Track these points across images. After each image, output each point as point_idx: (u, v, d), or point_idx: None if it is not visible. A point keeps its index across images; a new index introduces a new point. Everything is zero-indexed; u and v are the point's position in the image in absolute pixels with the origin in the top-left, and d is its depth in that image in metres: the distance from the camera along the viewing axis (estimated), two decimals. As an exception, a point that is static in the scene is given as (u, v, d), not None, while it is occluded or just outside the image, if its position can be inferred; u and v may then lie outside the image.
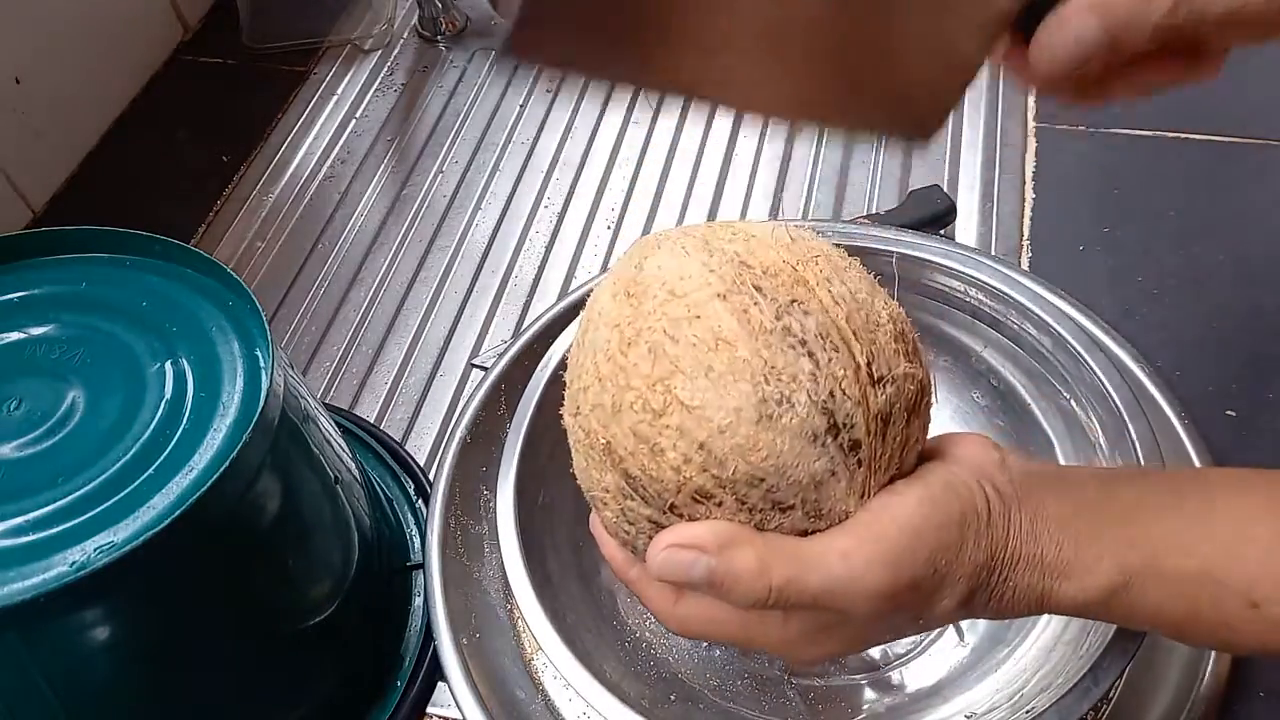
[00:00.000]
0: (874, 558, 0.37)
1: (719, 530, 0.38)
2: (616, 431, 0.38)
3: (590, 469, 0.40)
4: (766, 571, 0.37)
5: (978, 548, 0.39)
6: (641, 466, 0.38)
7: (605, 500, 0.40)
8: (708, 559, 0.37)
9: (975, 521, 0.39)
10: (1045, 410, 0.61)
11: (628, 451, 0.38)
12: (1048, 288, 0.67)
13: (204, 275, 0.54)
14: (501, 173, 0.86)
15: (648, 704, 0.52)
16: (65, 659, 0.45)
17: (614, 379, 0.38)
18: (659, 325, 0.38)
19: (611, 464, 0.39)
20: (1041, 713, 0.46)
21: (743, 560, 0.37)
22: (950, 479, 0.40)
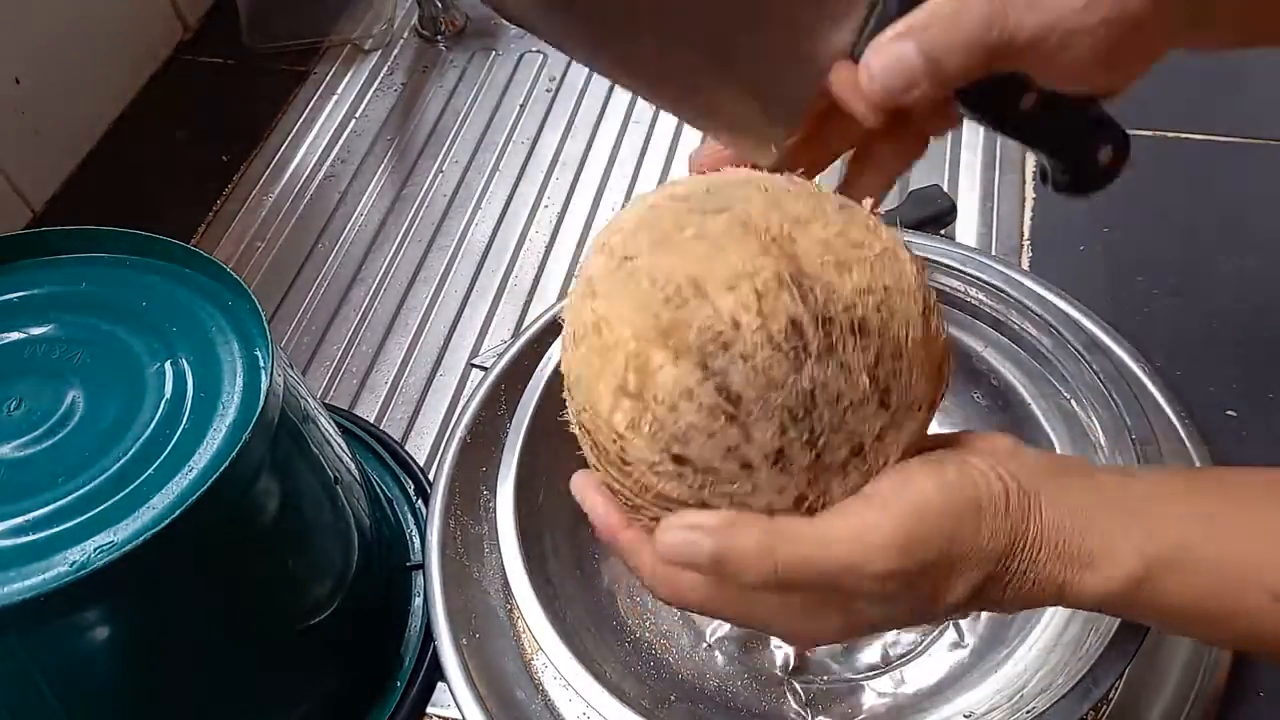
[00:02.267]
0: (887, 540, 0.37)
1: (722, 514, 0.38)
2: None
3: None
4: (771, 552, 0.37)
5: (995, 535, 0.38)
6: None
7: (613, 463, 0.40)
8: (711, 541, 0.37)
9: (992, 508, 0.38)
10: (1045, 410, 0.61)
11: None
12: (1048, 288, 0.67)
13: (204, 275, 0.54)
14: (501, 172, 0.86)
15: (648, 704, 0.52)
16: (65, 659, 0.45)
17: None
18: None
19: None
20: (1042, 713, 0.46)
21: (747, 539, 0.37)
22: (965, 464, 0.39)
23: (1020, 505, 0.38)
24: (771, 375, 0.37)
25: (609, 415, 0.38)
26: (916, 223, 0.74)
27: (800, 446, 0.38)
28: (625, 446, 0.38)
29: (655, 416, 0.37)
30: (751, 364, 0.37)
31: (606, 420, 0.38)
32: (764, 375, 0.37)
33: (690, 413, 0.37)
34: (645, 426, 0.37)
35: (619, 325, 0.38)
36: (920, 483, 0.38)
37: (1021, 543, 0.38)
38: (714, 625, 0.59)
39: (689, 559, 0.38)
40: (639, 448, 0.38)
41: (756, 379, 0.37)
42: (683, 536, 0.38)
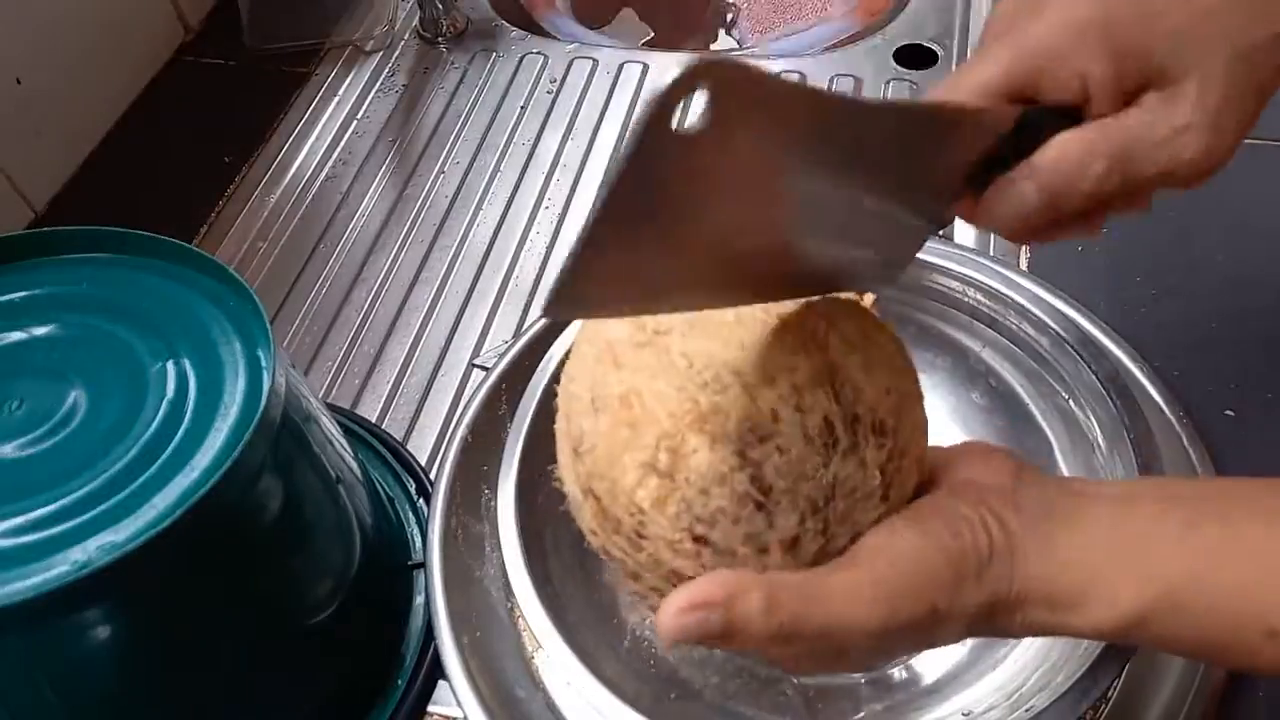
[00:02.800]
0: (875, 596, 0.38)
1: (723, 581, 0.38)
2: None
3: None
4: (775, 610, 0.37)
5: (978, 588, 0.39)
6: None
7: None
8: (720, 613, 0.37)
9: (975, 561, 0.39)
10: (1044, 410, 0.61)
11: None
12: (1046, 288, 0.67)
13: (206, 275, 0.54)
14: (503, 174, 0.86)
15: (648, 702, 0.52)
16: (66, 659, 0.45)
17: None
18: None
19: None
20: (1040, 711, 0.46)
21: (752, 604, 0.37)
22: (950, 516, 0.39)
23: (1004, 560, 0.39)
24: (803, 469, 0.38)
25: (632, 490, 0.39)
26: (916, 223, 0.74)
27: (813, 535, 0.39)
28: (645, 522, 0.39)
29: (684, 497, 0.38)
30: (787, 457, 0.38)
31: (628, 494, 0.39)
32: (796, 468, 0.38)
33: (721, 498, 0.38)
34: (671, 506, 0.38)
35: (652, 402, 0.39)
36: (906, 538, 0.39)
37: (1006, 594, 0.39)
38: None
39: (702, 638, 0.38)
40: (660, 525, 0.39)
41: (789, 471, 0.38)
42: (693, 619, 0.38)
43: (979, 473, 0.42)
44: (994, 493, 0.40)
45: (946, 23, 0.93)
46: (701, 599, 0.37)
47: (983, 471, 0.42)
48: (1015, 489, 0.41)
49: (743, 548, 0.39)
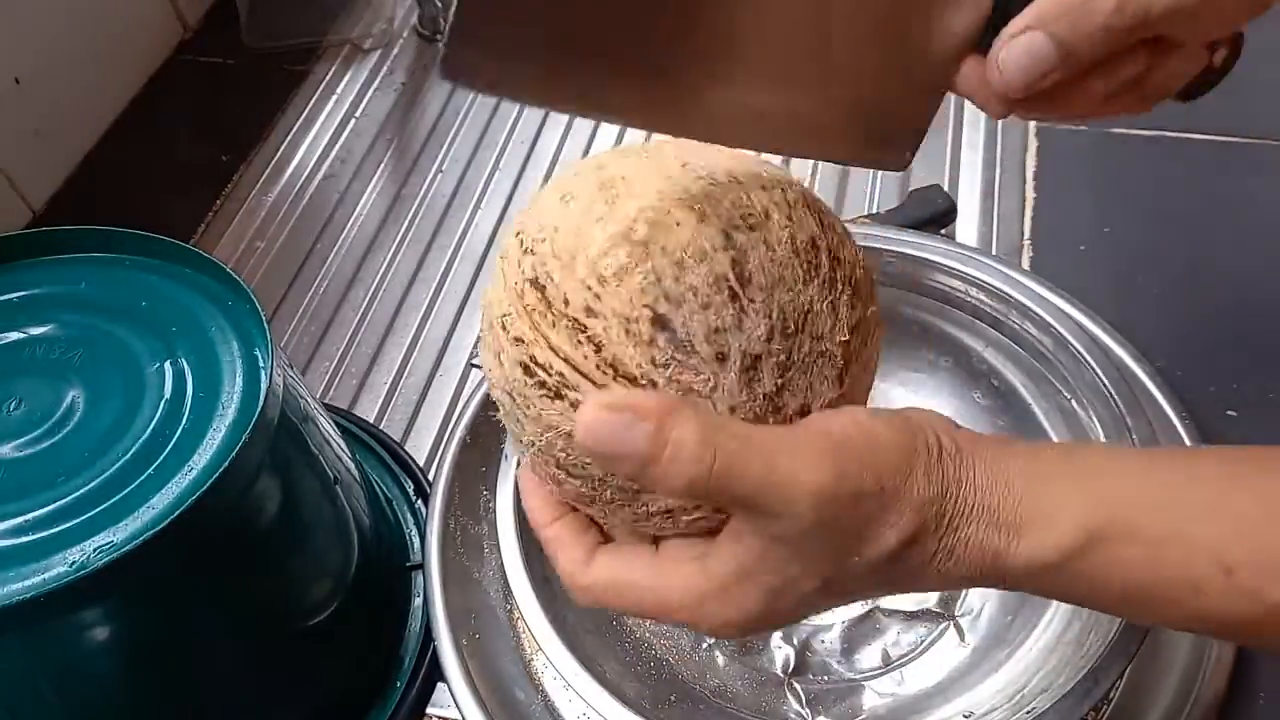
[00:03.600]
0: (821, 455, 0.34)
1: (662, 398, 0.34)
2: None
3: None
4: (709, 443, 0.33)
5: (927, 480, 0.36)
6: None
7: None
8: (646, 425, 0.33)
9: (925, 455, 0.36)
10: (1046, 410, 0.61)
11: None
12: (1049, 287, 0.67)
13: (203, 275, 0.54)
14: (501, 172, 0.86)
15: (648, 705, 0.52)
16: (65, 659, 0.45)
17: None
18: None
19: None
20: (1042, 713, 0.46)
21: (686, 429, 0.33)
22: (899, 420, 0.37)
23: (954, 459, 0.36)
24: (783, 275, 0.36)
25: (596, 259, 0.36)
26: (917, 223, 0.74)
27: (772, 367, 0.36)
28: (600, 295, 0.35)
29: (654, 268, 0.35)
30: (772, 255, 0.36)
31: (590, 264, 0.36)
32: (777, 271, 0.36)
33: (696, 276, 0.35)
34: (637, 277, 0.35)
35: (640, 185, 0.37)
36: (859, 413, 0.37)
37: (953, 495, 0.36)
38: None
39: (617, 451, 0.33)
40: (619, 298, 0.35)
41: (771, 271, 0.36)
42: (616, 418, 0.33)
43: (921, 411, 0.39)
44: (939, 419, 0.38)
45: None
46: (633, 403, 0.33)
47: (924, 411, 0.39)
48: (952, 423, 0.39)
49: (702, 345, 0.35)
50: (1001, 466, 0.37)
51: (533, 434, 0.38)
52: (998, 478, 0.37)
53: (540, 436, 0.37)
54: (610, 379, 0.35)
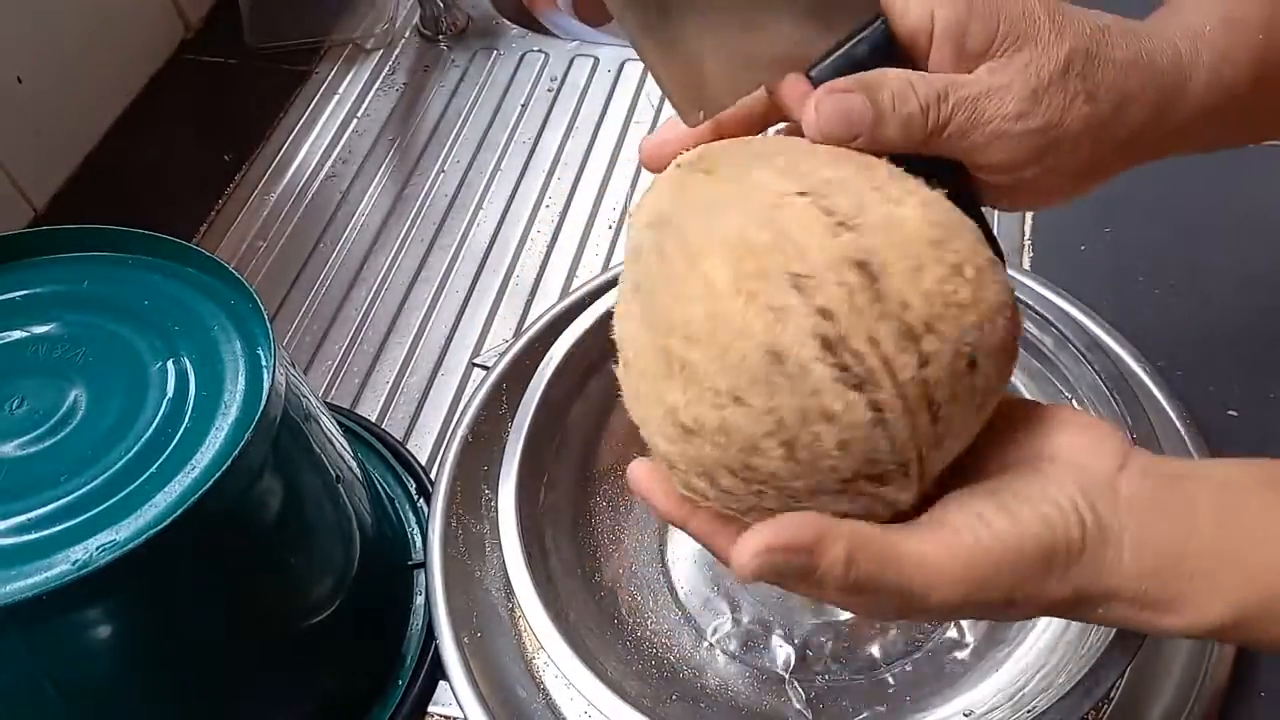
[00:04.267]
0: (957, 577, 0.37)
1: (808, 525, 0.37)
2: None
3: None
4: (854, 565, 0.36)
5: (1063, 583, 0.37)
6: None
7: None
8: (804, 559, 0.36)
9: (1064, 558, 0.37)
10: (1047, 410, 0.61)
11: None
12: (1049, 287, 0.67)
13: (206, 274, 0.54)
14: (503, 172, 0.86)
15: (649, 702, 0.52)
16: (67, 657, 0.45)
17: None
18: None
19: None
20: (1042, 712, 0.46)
21: (833, 555, 0.36)
22: (1041, 502, 0.37)
23: (1094, 556, 0.37)
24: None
25: (943, 280, 0.36)
26: (918, 222, 0.74)
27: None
28: (943, 316, 0.36)
29: (978, 317, 0.36)
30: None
31: (938, 282, 0.36)
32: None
33: (993, 337, 0.37)
34: (972, 315, 0.36)
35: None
36: (996, 525, 0.37)
37: (1089, 593, 0.37)
38: (715, 624, 0.59)
39: (782, 578, 0.37)
40: (954, 327, 0.36)
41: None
42: (772, 561, 0.37)
43: (1081, 452, 0.39)
44: (1094, 479, 0.38)
45: None
46: (789, 541, 0.36)
47: (1085, 451, 0.39)
48: (1116, 471, 0.38)
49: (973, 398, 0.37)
50: (1152, 546, 0.37)
51: (783, 404, 0.35)
52: (1146, 563, 0.37)
53: (796, 413, 0.35)
54: (915, 395, 0.35)
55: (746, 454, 0.36)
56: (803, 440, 0.35)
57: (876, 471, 0.36)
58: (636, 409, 0.39)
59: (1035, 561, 0.37)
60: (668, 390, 0.37)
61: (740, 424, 0.36)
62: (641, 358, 0.38)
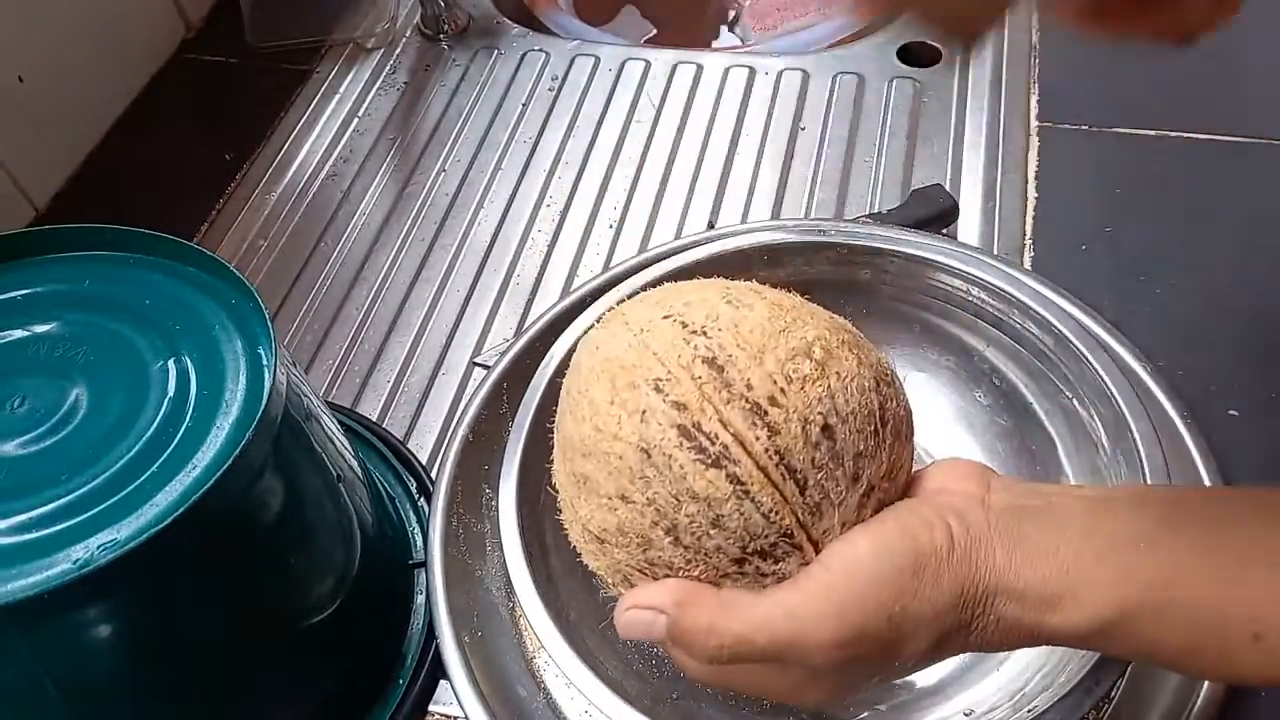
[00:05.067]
0: (821, 612, 0.38)
1: (674, 590, 0.40)
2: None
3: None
4: (715, 631, 0.39)
5: (937, 588, 0.38)
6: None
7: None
8: (664, 619, 0.40)
9: (933, 562, 0.38)
10: (1048, 410, 0.61)
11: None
12: (1050, 287, 0.67)
13: (207, 273, 0.54)
14: (504, 171, 0.86)
15: (649, 702, 0.53)
16: (68, 656, 0.45)
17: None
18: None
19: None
20: (1043, 712, 0.46)
21: (692, 621, 0.39)
22: (908, 520, 0.39)
23: (967, 555, 0.38)
24: (900, 430, 0.43)
25: (784, 361, 0.40)
26: (919, 222, 0.74)
27: (876, 502, 0.41)
28: (786, 391, 0.40)
29: (830, 386, 0.40)
30: (897, 411, 0.43)
31: (780, 363, 0.40)
32: (897, 425, 0.42)
33: (856, 403, 0.41)
34: (820, 387, 0.40)
35: (805, 317, 0.43)
36: (857, 548, 0.39)
37: (971, 593, 0.38)
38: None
39: (648, 637, 0.41)
40: (802, 399, 0.40)
41: (894, 423, 0.42)
42: (637, 618, 0.41)
43: (945, 480, 0.42)
44: (959, 495, 0.40)
45: (949, 21, 0.93)
46: (647, 602, 0.40)
47: (949, 479, 0.42)
48: (983, 492, 0.40)
49: (849, 463, 0.40)
50: (1026, 544, 0.38)
51: (658, 493, 0.40)
52: (1022, 557, 0.38)
53: (670, 499, 0.40)
54: (772, 465, 0.39)
55: (644, 549, 0.41)
56: (681, 524, 0.40)
57: (762, 546, 0.39)
58: (570, 533, 0.45)
59: (902, 571, 0.38)
60: (580, 505, 0.43)
61: (631, 520, 0.41)
62: (562, 485, 0.44)
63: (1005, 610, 0.38)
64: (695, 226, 0.80)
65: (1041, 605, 0.38)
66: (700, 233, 0.76)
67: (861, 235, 0.63)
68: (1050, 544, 0.38)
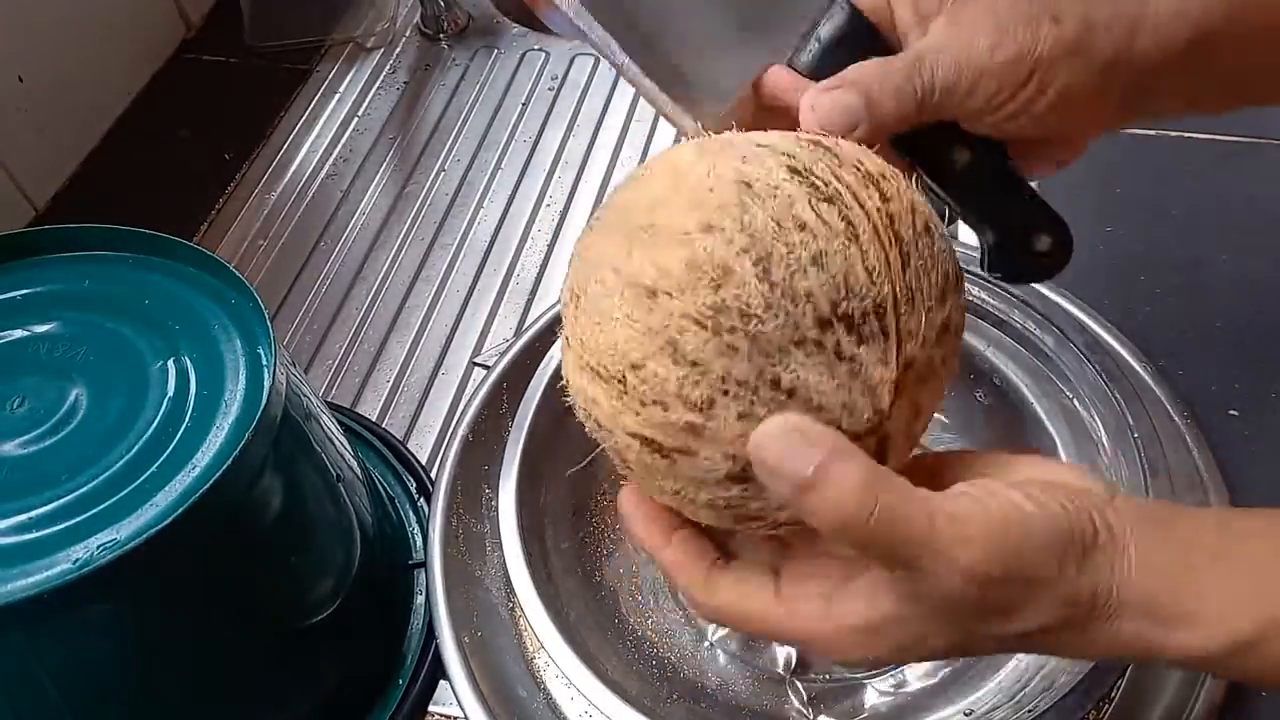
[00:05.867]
0: (980, 533, 0.34)
1: (827, 434, 0.34)
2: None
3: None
4: (872, 488, 0.33)
5: (1079, 574, 0.35)
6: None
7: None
8: (815, 451, 0.34)
9: (1080, 545, 0.35)
10: (1048, 409, 0.61)
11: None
12: (1050, 286, 0.67)
13: (206, 273, 0.54)
14: (504, 171, 0.86)
15: (649, 702, 0.52)
16: (69, 656, 0.45)
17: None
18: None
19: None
20: (1043, 712, 0.46)
21: (851, 473, 0.33)
22: (1056, 496, 0.36)
23: (1108, 549, 0.35)
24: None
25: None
26: (919, 222, 0.74)
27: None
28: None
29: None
30: None
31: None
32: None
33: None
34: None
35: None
36: (1014, 496, 0.35)
37: (1104, 598, 0.35)
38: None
39: (791, 470, 0.34)
40: None
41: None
42: (789, 443, 0.34)
43: (1069, 476, 0.38)
44: (1088, 494, 0.37)
45: None
46: (809, 429, 0.34)
47: (1067, 475, 0.38)
48: (1110, 494, 0.37)
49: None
50: (1159, 556, 0.36)
51: (755, 218, 0.35)
52: (1154, 573, 0.36)
53: (770, 224, 0.35)
54: (883, 224, 0.36)
55: (716, 287, 0.34)
56: (777, 254, 0.34)
57: (852, 310, 0.34)
58: (585, 336, 0.37)
59: (1059, 539, 0.35)
60: (627, 262, 0.36)
61: (712, 250, 0.34)
62: (599, 259, 0.37)
63: (1129, 624, 0.36)
64: (695, 226, 0.80)
65: (1170, 623, 0.36)
66: (700, 232, 0.75)
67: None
68: (1181, 560, 0.36)
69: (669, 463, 0.36)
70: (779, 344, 0.34)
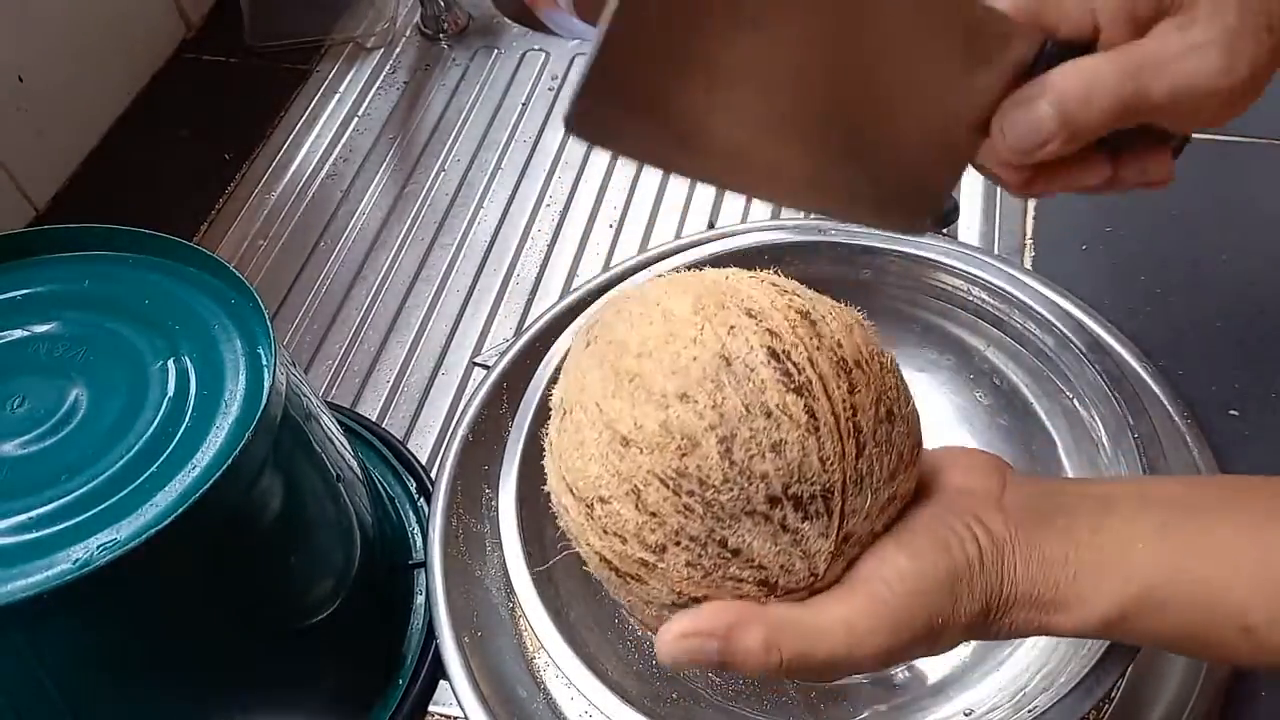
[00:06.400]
0: (875, 627, 0.39)
1: (722, 612, 0.39)
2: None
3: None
4: (774, 648, 0.39)
5: (971, 599, 0.40)
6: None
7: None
8: (716, 644, 0.39)
9: (967, 574, 0.40)
10: (1048, 409, 0.61)
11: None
12: (1050, 287, 0.67)
13: (206, 273, 0.54)
14: (504, 171, 0.86)
15: (649, 702, 0.52)
16: (69, 656, 0.45)
17: None
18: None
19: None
20: (1043, 712, 0.46)
21: (750, 641, 0.39)
22: (940, 533, 0.41)
23: (994, 566, 0.40)
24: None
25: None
26: (919, 222, 0.74)
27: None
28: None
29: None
30: None
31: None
32: None
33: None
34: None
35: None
36: (896, 562, 0.40)
37: (997, 600, 0.41)
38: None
39: (698, 663, 0.40)
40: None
41: None
42: (688, 646, 0.40)
43: (964, 478, 0.43)
44: (979, 496, 0.42)
45: None
46: (696, 628, 0.39)
47: (968, 477, 0.43)
48: (999, 490, 0.43)
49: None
50: (1041, 553, 0.41)
51: (728, 398, 0.38)
52: (1038, 567, 0.41)
53: (739, 408, 0.38)
54: (845, 416, 0.39)
55: (682, 454, 0.38)
56: (741, 436, 0.38)
57: (802, 493, 0.38)
58: (565, 453, 0.42)
59: (943, 586, 0.40)
60: (611, 407, 0.40)
61: (683, 420, 0.38)
62: (587, 388, 0.41)
63: (1021, 614, 0.41)
64: (695, 226, 0.80)
65: (1052, 609, 0.41)
66: (700, 233, 0.76)
67: (862, 235, 0.63)
68: (1059, 547, 0.41)
69: (623, 581, 0.41)
70: (731, 512, 0.39)
